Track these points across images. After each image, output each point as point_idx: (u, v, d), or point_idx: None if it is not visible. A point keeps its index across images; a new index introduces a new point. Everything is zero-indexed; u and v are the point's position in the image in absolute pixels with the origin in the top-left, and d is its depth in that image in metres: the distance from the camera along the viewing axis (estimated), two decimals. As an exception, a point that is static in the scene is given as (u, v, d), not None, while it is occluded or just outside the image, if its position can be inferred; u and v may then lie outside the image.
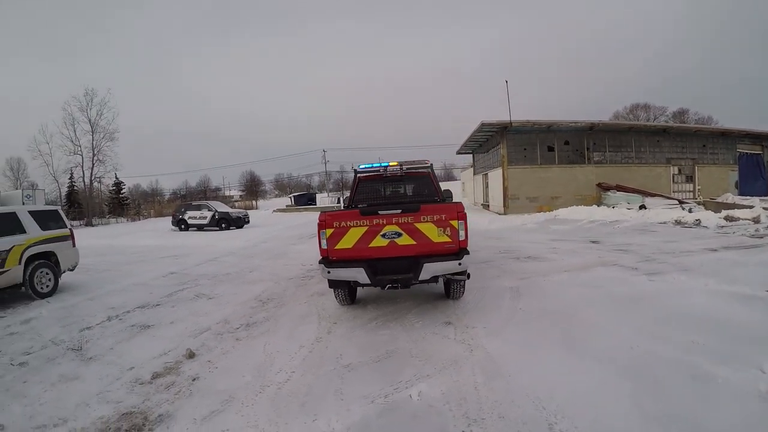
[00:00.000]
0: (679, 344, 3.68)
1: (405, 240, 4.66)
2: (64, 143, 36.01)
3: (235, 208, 33.27)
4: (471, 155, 31.26)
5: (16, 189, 32.80)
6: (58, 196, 38.37)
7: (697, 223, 12.27)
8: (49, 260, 7.81)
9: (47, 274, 7.73)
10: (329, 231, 4.78)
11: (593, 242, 10.28)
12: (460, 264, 4.54)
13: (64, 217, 8.37)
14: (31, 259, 7.49)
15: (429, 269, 4.54)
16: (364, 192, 7.66)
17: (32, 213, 7.71)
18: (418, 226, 4.64)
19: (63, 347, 4.89)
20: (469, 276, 5.05)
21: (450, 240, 4.63)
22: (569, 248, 9.46)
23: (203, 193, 60.88)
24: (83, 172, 37.02)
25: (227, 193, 67.76)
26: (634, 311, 4.69)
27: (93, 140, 36.16)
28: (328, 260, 4.85)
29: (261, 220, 28.81)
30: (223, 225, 22.32)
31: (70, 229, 8.35)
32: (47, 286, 7.69)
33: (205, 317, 5.76)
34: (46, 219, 7.91)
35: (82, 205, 37.36)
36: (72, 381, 3.94)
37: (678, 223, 12.81)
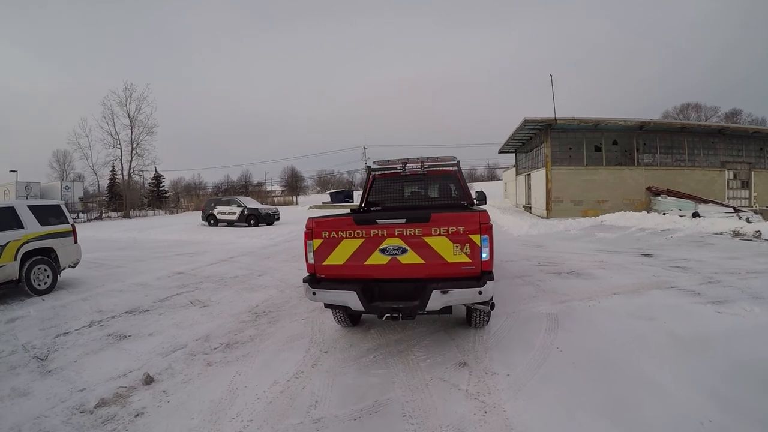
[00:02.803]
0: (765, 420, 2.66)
1: (410, 258, 3.66)
2: (103, 137, 37.33)
3: (266, 204, 33.17)
4: (513, 154, 29.62)
5: (62, 180, 34.34)
6: (96, 188, 39.80)
7: (758, 235, 10.76)
8: (48, 257, 7.46)
9: (45, 270, 7.39)
10: (317, 242, 3.88)
11: (645, 255, 8.95)
12: (480, 293, 3.45)
13: (67, 213, 8.00)
14: (29, 255, 7.15)
15: (439, 297, 3.50)
16: (378, 193, 6.78)
17: (32, 208, 7.39)
18: (428, 240, 3.62)
19: (30, 355, 4.56)
20: (493, 306, 3.97)
21: (469, 260, 3.58)
22: (618, 262, 8.19)
23: (244, 187, 60.88)
24: (122, 165, 38.22)
25: (269, 188, 68.00)
26: (701, 360, 3.58)
27: (132, 134, 37.20)
28: (315, 278, 3.96)
29: (294, 216, 28.35)
30: (252, 221, 21.92)
31: (72, 224, 7.98)
32: (45, 283, 7.35)
33: (187, 330, 5.08)
34: (46, 214, 7.57)
35: (122, 197, 38.54)
36: (20, 398, 3.54)
37: (736, 234, 11.33)
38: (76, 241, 7.99)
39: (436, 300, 3.50)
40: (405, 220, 3.67)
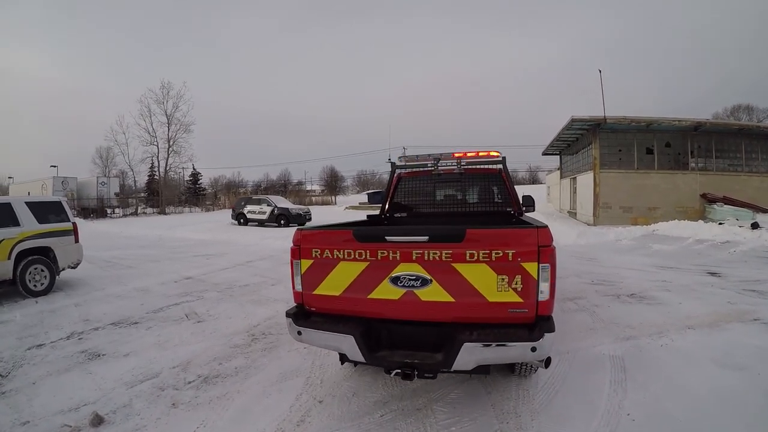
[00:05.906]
0: None
1: (434, 292, 2.58)
2: (140, 134, 38.10)
3: (304, 203, 32.71)
4: (558, 157, 27.89)
5: (99, 176, 35.29)
6: (133, 184, 40.76)
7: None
8: (45, 256, 6.98)
9: (42, 271, 6.94)
10: (306, 263, 2.94)
11: (711, 274, 7.64)
12: (534, 350, 2.38)
13: (68, 210, 7.52)
14: (24, 254, 6.68)
15: (473, 352, 2.42)
16: (404, 196, 5.85)
17: (30, 204, 6.96)
18: (461, 268, 2.54)
19: (-8, 370, 3.99)
20: (549, 363, 2.77)
21: (520, 299, 2.48)
22: (683, 282, 6.93)
23: (284, 186, 60.05)
24: (158, 162, 38.95)
25: (309, 187, 67.45)
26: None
27: (168, 132, 37.86)
28: (304, 311, 3.02)
29: (327, 217, 27.67)
30: (282, 221, 21.33)
31: (73, 223, 7.49)
32: (41, 284, 6.91)
33: (168, 353, 4.34)
34: (45, 211, 7.11)
35: (160, 193, 39.23)
36: (-44, 426, 2.97)
37: (803, 249, 9.88)
38: (77, 241, 7.50)
39: (469, 355, 2.42)
40: (427, 237, 2.61)
